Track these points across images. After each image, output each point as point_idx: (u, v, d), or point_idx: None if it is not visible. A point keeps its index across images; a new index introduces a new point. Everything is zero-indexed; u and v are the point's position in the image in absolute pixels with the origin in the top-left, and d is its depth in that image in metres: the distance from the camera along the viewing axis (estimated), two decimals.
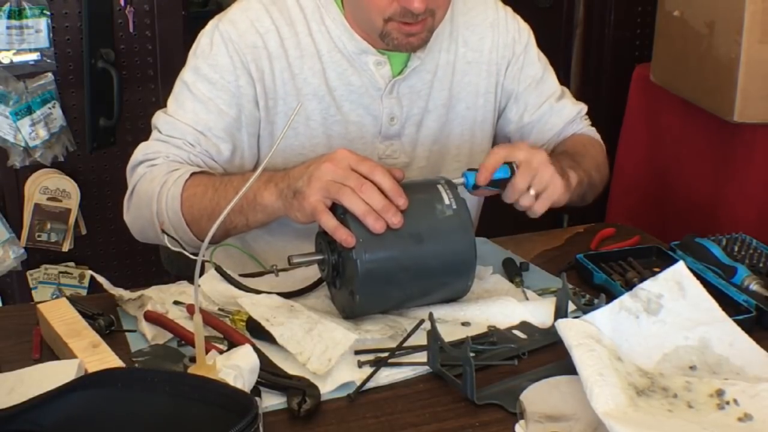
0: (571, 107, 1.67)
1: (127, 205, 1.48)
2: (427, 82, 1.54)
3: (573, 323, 1.12)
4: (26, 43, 2.39)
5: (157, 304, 1.25)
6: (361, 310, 1.25)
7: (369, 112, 1.51)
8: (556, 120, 1.65)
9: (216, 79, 1.45)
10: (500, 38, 1.60)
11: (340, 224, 1.20)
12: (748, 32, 2.07)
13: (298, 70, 1.47)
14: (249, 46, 1.45)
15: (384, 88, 1.50)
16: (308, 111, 1.48)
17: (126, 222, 1.50)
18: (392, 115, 1.52)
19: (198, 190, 1.37)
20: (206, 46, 1.47)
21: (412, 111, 1.54)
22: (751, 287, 1.34)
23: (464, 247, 1.25)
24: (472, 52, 1.58)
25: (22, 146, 2.42)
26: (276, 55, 1.46)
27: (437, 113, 1.56)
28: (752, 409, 1.03)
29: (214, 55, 1.45)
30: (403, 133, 1.54)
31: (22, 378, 1.07)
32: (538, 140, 1.65)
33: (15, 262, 2.52)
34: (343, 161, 1.21)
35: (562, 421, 1.03)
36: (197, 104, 1.45)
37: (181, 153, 1.44)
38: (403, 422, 1.06)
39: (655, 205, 2.56)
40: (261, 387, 1.07)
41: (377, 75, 1.49)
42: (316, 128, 1.49)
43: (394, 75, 1.50)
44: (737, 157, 2.25)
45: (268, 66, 1.46)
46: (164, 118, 1.48)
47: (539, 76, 1.65)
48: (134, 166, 1.47)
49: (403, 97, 1.52)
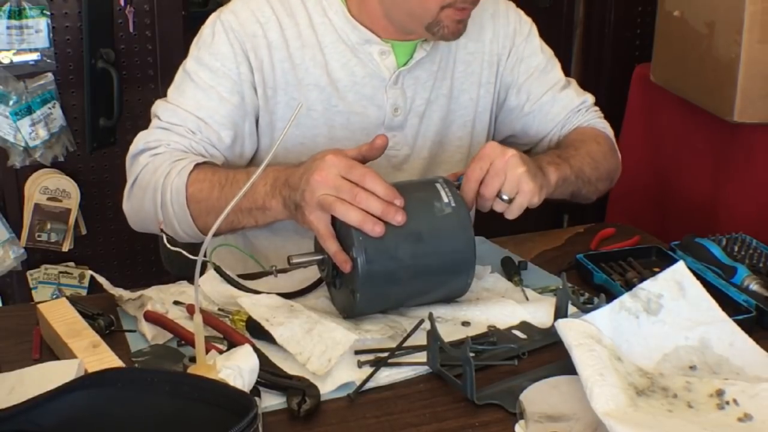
0: (574, 97, 1.64)
1: (128, 194, 1.47)
2: (431, 73, 1.54)
3: (573, 323, 1.12)
4: (26, 43, 2.39)
5: (157, 304, 1.25)
6: (361, 310, 1.25)
7: (373, 103, 1.51)
8: (557, 110, 1.62)
9: (217, 67, 1.46)
10: (501, 29, 1.60)
11: (341, 250, 1.20)
12: (748, 32, 2.07)
13: (299, 60, 1.48)
14: (249, 35, 1.46)
15: (389, 79, 1.50)
16: (310, 101, 1.49)
17: (125, 211, 1.49)
18: (396, 106, 1.52)
19: (204, 186, 1.36)
20: (208, 36, 1.48)
21: (415, 102, 1.54)
22: (751, 287, 1.34)
23: (464, 245, 1.25)
24: (473, 43, 1.58)
25: (22, 146, 2.42)
26: (276, 45, 1.47)
27: (440, 104, 1.57)
28: (752, 409, 1.03)
29: (216, 44, 1.46)
30: (406, 125, 1.54)
31: (22, 378, 1.07)
32: (540, 131, 1.63)
33: (15, 262, 2.51)
34: (332, 170, 1.19)
35: (562, 421, 1.03)
36: (198, 92, 1.46)
37: (183, 140, 1.44)
38: (403, 422, 1.06)
39: (655, 205, 2.56)
40: (261, 387, 1.07)
41: (382, 65, 1.49)
42: (317, 118, 1.49)
43: (399, 65, 1.51)
44: (737, 157, 2.25)
45: (268, 55, 1.47)
46: (164, 105, 1.48)
47: (542, 67, 1.63)
48: (135, 155, 1.46)
49: (407, 88, 1.52)
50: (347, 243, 1.20)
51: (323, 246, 1.22)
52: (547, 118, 1.63)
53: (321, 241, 1.22)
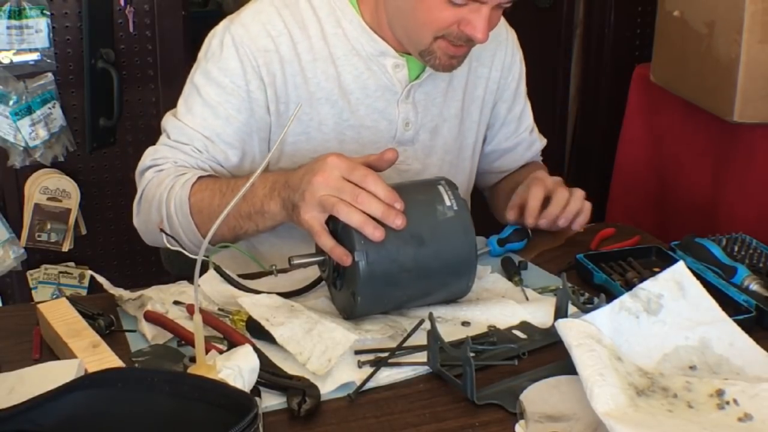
0: (539, 143, 1.76)
1: (136, 209, 1.48)
2: (441, 90, 1.54)
3: (573, 323, 1.12)
4: (26, 43, 2.39)
5: (157, 304, 1.25)
6: (362, 311, 1.25)
7: (384, 117, 1.50)
8: (526, 153, 1.73)
9: (226, 83, 1.44)
10: (506, 58, 1.63)
11: (337, 244, 1.20)
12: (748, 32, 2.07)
13: (311, 74, 1.46)
14: (260, 49, 1.44)
15: (401, 93, 1.49)
16: (321, 116, 1.47)
17: (136, 226, 1.50)
18: (407, 120, 1.51)
19: (205, 195, 1.37)
20: (216, 48, 1.45)
21: (426, 117, 1.53)
22: (751, 287, 1.34)
23: (465, 248, 1.25)
24: (482, 67, 1.59)
25: (22, 146, 2.42)
26: (288, 59, 1.45)
27: (451, 123, 1.57)
28: (752, 409, 1.03)
29: (225, 59, 1.44)
30: (417, 140, 1.54)
31: (22, 378, 1.07)
32: (506, 166, 1.72)
33: (15, 262, 2.51)
34: (334, 171, 1.19)
35: (562, 421, 1.03)
36: (206, 109, 1.44)
37: (189, 159, 1.44)
38: (403, 422, 1.06)
39: (655, 205, 2.56)
40: (261, 387, 1.07)
41: (395, 78, 1.48)
42: (328, 133, 1.48)
43: (411, 79, 1.50)
44: (737, 157, 2.25)
45: (280, 70, 1.45)
46: (173, 122, 1.47)
47: (522, 106, 1.70)
48: (142, 171, 1.47)
49: (418, 104, 1.52)
50: (348, 245, 1.20)
51: (318, 243, 1.22)
52: (515, 157, 1.73)
53: (316, 238, 1.22)
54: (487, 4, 1.33)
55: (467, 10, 1.34)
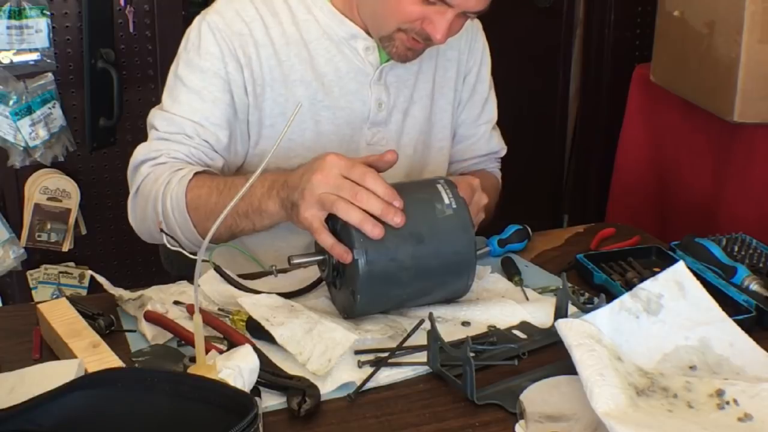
0: (498, 141, 1.75)
1: (131, 206, 1.48)
2: (412, 73, 1.57)
3: (573, 323, 1.12)
4: (26, 43, 2.39)
5: (157, 304, 1.25)
6: (362, 311, 1.25)
7: (358, 98, 1.53)
8: (484, 146, 1.72)
9: (207, 68, 1.47)
10: (472, 43, 1.66)
11: (337, 241, 1.21)
12: (748, 32, 2.07)
13: (284, 57, 1.49)
14: (236, 33, 1.47)
15: (372, 74, 1.52)
16: (296, 97, 1.50)
17: (131, 222, 1.50)
18: (380, 101, 1.54)
19: (202, 192, 1.37)
20: (195, 38, 1.49)
21: (398, 99, 1.56)
22: (751, 287, 1.34)
23: (464, 246, 1.25)
24: (451, 50, 1.62)
25: (22, 146, 2.42)
26: (262, 43, 1.48)
27: (422, 104, 1.59)
28: (752, 409, 1.03)
29: (204, 45, 1.47)
30: (390, 120, 1.56)
31: (23, 378, 1.07)
32: (461, 155, 1.71)
33: (15, 262, 2.52)
34: (333, 169, 1.20)
35: (562, 421, 1.03)
36: (191, 95, 1.47)
37: (182, 147, 1.45)
38: (403, 422, 1.06)
39: (655, 205, 2.56)
40: (261, 387, 1.07)
41: (366, 61, 1.52)
42: (303, 113, 1.51)
43: (383, 62, 1.53)
44: (737, 157, 2.25)
45: (255, 53, 1.48)
46: (160, 115, 1.49)
47: (486, 95, 1.71)
48: (136, 166, 1.48)
49: (390, 85, 1.55)
50: (348, 243, 1.20)
51: (318, 241, 1.23)
52: (473, 147, 1.71)
53: (315, 236, 1.22)
54: (453, 9, 1.37)
55: (434, 10, 1.38)
